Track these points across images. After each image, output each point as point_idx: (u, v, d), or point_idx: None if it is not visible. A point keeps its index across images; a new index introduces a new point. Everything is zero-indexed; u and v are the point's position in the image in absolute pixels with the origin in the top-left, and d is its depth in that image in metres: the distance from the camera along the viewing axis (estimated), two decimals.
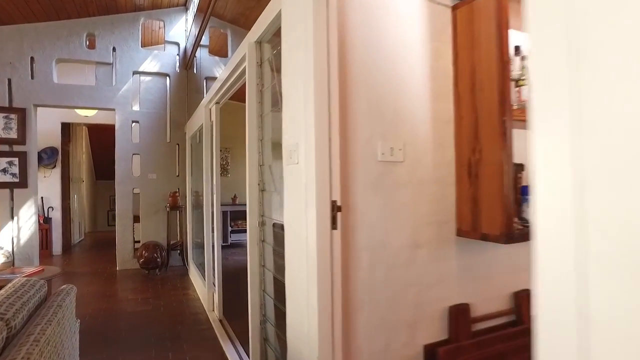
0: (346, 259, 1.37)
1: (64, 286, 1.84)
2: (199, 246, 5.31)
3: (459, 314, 1.63)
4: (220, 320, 3.42)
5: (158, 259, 5.12)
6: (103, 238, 8.68)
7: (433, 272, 1.62)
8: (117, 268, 5.53)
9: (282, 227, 2.73)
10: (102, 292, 4.37)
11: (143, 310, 3.74)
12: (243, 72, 2.40)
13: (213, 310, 3.67)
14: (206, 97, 3.66)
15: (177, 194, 5.66)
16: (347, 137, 1.38)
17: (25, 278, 1.59)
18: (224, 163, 7.91)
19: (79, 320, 1.99)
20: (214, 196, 3.49)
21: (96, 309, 3.78)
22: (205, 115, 3.71)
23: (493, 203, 1.49)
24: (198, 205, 5.35)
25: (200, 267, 4.96)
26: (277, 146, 2.21)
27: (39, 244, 6.27)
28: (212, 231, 3.84)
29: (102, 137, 9.04)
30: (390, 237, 1.50)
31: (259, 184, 2.10)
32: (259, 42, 2.10)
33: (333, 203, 1.29)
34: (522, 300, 1.79)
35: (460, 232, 1.65)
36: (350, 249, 1.39)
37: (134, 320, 3.48)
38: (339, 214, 1.30)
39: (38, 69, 5.09)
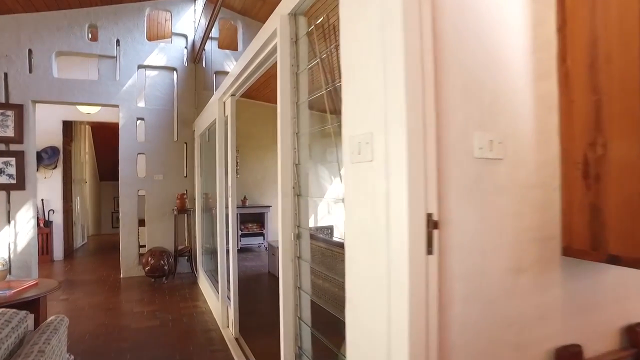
0: (439, 293, 0.99)
1: (52, 318, 1.46)
2: (209, 252, 4.95)
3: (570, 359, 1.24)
4: (237, 339, 3.04)
5: (165, 267, 4.75)
6: (107, 241, 8.33)
7: (535, 304, 1.23)
8: (122, 275, 5.17)
9: (324, 240, 2.33)
10: (104, 304, 4.00)
11: (149, 327, 3.37)
12: (271, 54, 2.03)
13: (228, 327, 3.29)
14: (220, 89, 3.29)
15: (185, 196, 5.29)
16: (438, 125, 1.00)
17: (0, 311, 1.22)
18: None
19: (72, 357, 1.61)
20: (229, 198, 3.12)
21: (97, 324, 3.41)
22: (218, 109, 3.33)
23: (629, 215, 1.10)
24: (208, 208, 4.99)
25: (211, 275, 4.59)
26: (315, 142, 1.83)
27: (38, 250, 5.95)
28: (226, 237, 3.47)
29: (106, 136, 8.71)
30: (489, 260, 1.12)
31: (294, 188, 1.72)
32: (293, 15, 1.73)
33: (429, 217, 0.91)
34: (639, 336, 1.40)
35: (569, 251, 1.26)
36: (442, 279, 1.00)
37: (140, 338, 3.11)
38: (435, 232, 0.92)
39: (36, 62, 4.74)
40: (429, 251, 0.90)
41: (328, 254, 1.89)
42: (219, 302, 3.46)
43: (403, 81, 0.88)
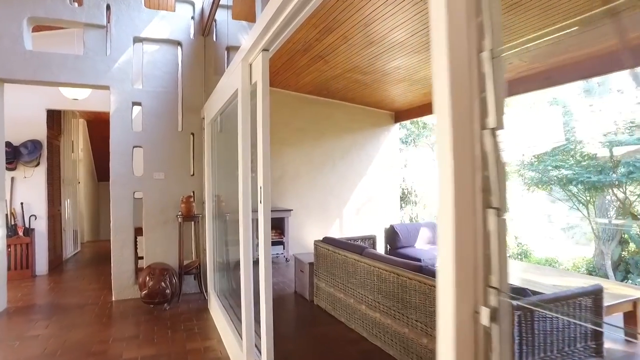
0: None
1: None
2: (223, 268, 3.93)
3: None
4: None
5: (167, 290, 3.72)
6: (105, 249, 7.29)
7: None
8: (113, 298, 4.16)
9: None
10: (86, 345, 2.98)
11: None
12: None
13: None
14: (244, 46, 2.25)
15: (192, 200, 4.27)
16: None
17: None
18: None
19: None
20: (261, 201, 2.09)
21: None
22: (242, 74, 2.30)
23: None
24: (221, 214, 3.97)
25: (225, 299, 3.57)
26: None
27: (15, 264, 4.98)
28: (252, 251, 2.43)
29: (104, 131, 7.73)
30: None
31: (484, 192, 0.67)
32: None
33: None
34: None
35: None
36: None
37: None
38: None
39: (2, 29, 3.74)
40: None
41: None
42: (242, 352, 2.42)
43: None
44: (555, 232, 11.30)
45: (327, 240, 3.88)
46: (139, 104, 4.29)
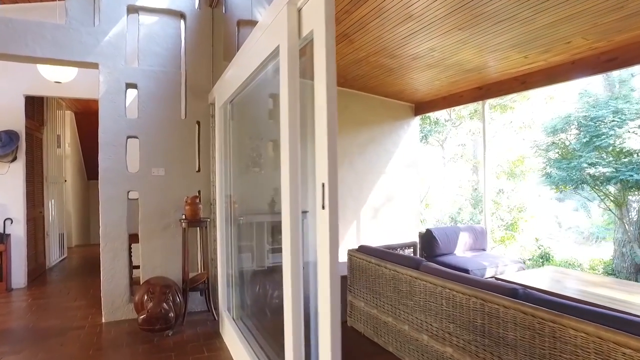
0: None
1: None
2: (240, 282, 3.25)
3: None
4: None
5: (170, 313, 3.02)
6: (95, 254, 6.56)
7: None
8: (103, 320, 3.45)
9: None
10: None
11: None
12: None
13: None
14: None
15: (199, 200, 3.57)
16: None
17: None
18: (254, 155, 5.79)
19: None
20: (326, 204, 1.41)
21: None
22: (288, 23, 1.60)
23: None
24: (235, 217, 3.28)
25: (242, 322, 2.89)
26: None
27: None
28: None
29: (95, 124, 6.98)
30: None
31: None
32: None
33: None
34: None
35: None
36: None
37: None
38: None
39: None
40: None
41: None
42: None
43: None
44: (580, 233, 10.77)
45: (365, 250, 3.21)
46: (134, 85, 3.58)
